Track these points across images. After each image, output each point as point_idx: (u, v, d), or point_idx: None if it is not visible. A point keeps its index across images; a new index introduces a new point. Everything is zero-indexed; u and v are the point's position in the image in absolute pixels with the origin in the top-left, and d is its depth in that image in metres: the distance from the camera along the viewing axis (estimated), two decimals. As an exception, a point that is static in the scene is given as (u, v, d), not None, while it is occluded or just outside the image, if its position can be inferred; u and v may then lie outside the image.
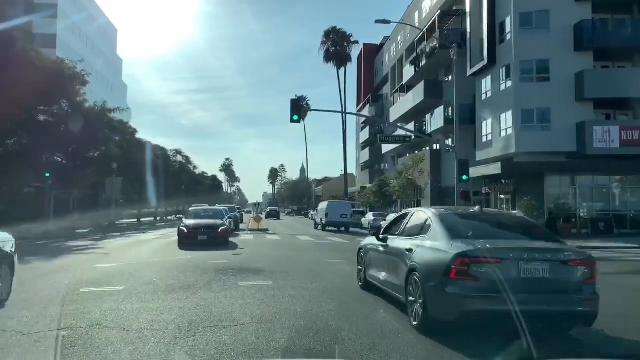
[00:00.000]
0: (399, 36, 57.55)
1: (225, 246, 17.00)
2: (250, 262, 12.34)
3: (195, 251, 15.16)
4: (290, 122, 26.60)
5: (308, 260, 13.02)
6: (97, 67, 76.98)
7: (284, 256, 13.96)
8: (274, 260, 12.76)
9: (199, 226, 17.66)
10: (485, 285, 5.40)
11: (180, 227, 17.90)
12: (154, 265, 11.75)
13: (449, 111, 40.14)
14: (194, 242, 17.03)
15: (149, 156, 50.40)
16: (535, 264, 5.56)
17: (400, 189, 37.60)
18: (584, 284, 5.69)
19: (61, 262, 12.68)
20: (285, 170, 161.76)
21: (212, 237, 17.32)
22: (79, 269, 11.21)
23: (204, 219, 18.99)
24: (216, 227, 17.83)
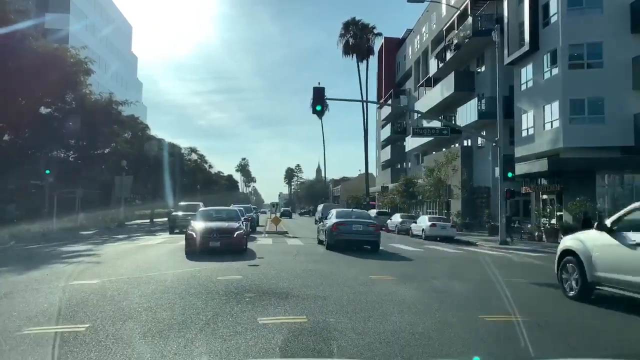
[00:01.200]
0: (424, 27, 54.54)
1: (241, 254, 14.21)
2: (271, 279, 9.57)
3: (203, 261, 12.45)
4: (312, 113, 24.31)
5: (345, 277, 10.19)
6: (111, 63, 75.38)
7: (313, 270, 11.14)
8: (302, 277, 9.97)
9: (210, 230, 14.68)
10: (343, 232, 17.22)
11: (188, 230, 14.95)
12: (148, 283, 9.06)
13: (483, 104, 37.08)
14: (204, 249, 14.20)
15: (162, 154, 48.11)
16: (358, 225, 17.54)
17: (431, 188, 34.54)
18: (374, 233, 17.64)
19: (33, 276, 10.07)
20: (301, 170, 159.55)
21: (226, 244, 14.46)
22: (50, 288, 8.57)
23: (216, 221, 16.11)
24: (231, 231, 14.94)
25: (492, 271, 11.41)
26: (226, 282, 9.22)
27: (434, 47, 49.01)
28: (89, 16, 67.86)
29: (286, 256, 14.40)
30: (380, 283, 9.46)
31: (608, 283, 7.62)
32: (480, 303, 7.65)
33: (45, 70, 25.50)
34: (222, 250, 14.17)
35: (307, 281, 9.43)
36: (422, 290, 8.62)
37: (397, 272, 11.20)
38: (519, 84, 32.49)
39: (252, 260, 13.02)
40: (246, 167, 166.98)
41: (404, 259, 15.16)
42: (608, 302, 7.85)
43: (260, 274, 10.36)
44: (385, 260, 14.50)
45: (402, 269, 11.98)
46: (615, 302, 7.77)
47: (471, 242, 26.00)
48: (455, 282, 10.00)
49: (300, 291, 8.22)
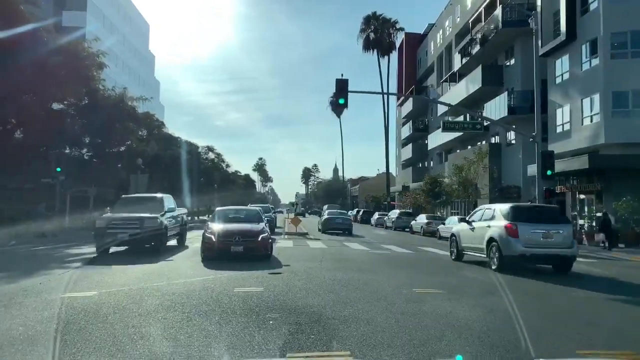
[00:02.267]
0: (447, 21, 52.62)
1: (264, 260, 12.64)
2: (298, 293, 8.07)
3: (219, 268, 11.00)
4: (335, 107, 22.73)
5: (384, 290, 8.64)
6: (128, 61, 74.87)
7: (345, 280, 9.61)
8: (334, 289, 8.45)
9: (231, 233, 12.87)
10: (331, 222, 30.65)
11: (206, 233, 13.09)
12: (152, 296, 7.65)
13: (512, 99, 35.16)
14: (224, 254, 12.47)
15: (179, 152, 47.04)
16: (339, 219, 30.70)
17: (460, 187, 32.72)
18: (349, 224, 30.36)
19: (25, 285, 8.76)
20: (318, 170, 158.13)
21: (249, 248, 12.75)
22: (36, 302, 7.22)
23: (235, 222, 14.33)
24: (254, 233, 13.15)
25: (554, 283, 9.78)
26: (244, 296, 7.76)
27: (458, 42, 47.15)
28: (106, 14, 67.33)
29: (311, 262, 12.88)
30: (428, 299, 7.89)
31: (468, 251, 14.54)
32: (577, 332, 6.03)
33: (57, 64, 24.46)
34: (244, 256, 12.53)
35: (341, 295, 7.91)
36: (483, 310, 7.04)
37: (442, 283, 9.64)
38: (552, 77, 30.54)
39: (274, 268, 11.53)
40: (263, 167, 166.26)
41: (443, 266, 13.55)
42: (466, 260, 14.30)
43: (284, 285, 8.87)
44: (424, 267, 12.93)
45: (445, 279, 10.40)
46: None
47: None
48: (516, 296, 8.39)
49: (335, 310, 6.70)
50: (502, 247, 12.13)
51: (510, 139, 36.88)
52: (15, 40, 23.17)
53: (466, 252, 14.55)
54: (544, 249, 12.22)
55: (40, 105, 26.46)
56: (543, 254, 12.30)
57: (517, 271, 11.83)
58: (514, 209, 12.93)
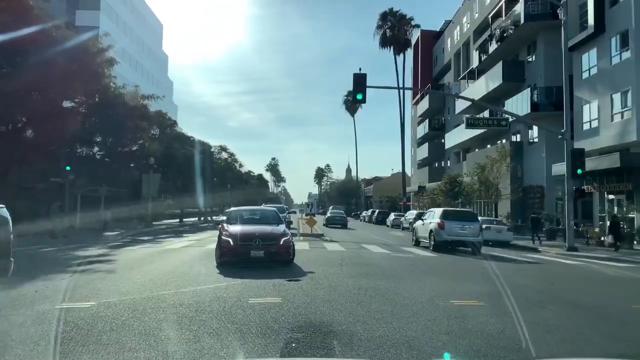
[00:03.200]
0: (464, 17, 51.35)
1: (282, 265, 11.59)
2: (321, 305, 7.11)
3: (233, 276, 10.09)
4: (353, 103, 22.06)
5: (417, 300, 7.64)
6: (141, 61, 74.64)
7: (372, 289, 8.63)
8: (360, 300, 7.49)
9: (251, 236, 11.60)
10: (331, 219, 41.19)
11: (223, 236, 11.82)
12: (157, 309, 6.76)
13: (535, 95, 33.88)
14: (243, 259, 11.31)
15: (191, 151, 46.38)
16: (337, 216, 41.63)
17: (482, 187, 31.51)
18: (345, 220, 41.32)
19: (19, 293, 7.98)
20: (331, 170, 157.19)
21: (270, 253, 11.46)
22: (25, 315, 6.37)
23: (253, 224, 13.00)
24: (276, 237, 11.87)
25: (604, 291, 8.73)
26: (261, 308, 6.83)
27: (477, 38, 45.92)
28: (120, 13, 67.10)
29: (331, 267, 11.92)
30: (470, 313, 6.89)
31: (420, 239, 20.36)
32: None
33: (66, 60, 23.81)
34: (265, 261, 11.38)
35: (372, 309, 6.94)
36: (540, 330, 6.02)
37: (479, 291, 8.62)
38: (579, 72, 29.22)
39: (291, 272, 10.60)
40: (276, 167, 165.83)
41: (474, 271, 12.51)
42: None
43: (304, 295, 7.92)
44: (453, 273, 11.90)
45: (481, 286, 9.38)
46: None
47: (531, 248, 23.05)
48: (569, 309, 7.36)
49: (367, 329, 5.73)
50: (436, 235, 18.70)
51: (533, 137, 35.60)
52: (24, 37, 22.59)
53: (420, 240, 21.06)
54: (460, 237, 18.70)
55: (50, 103, 25.88)
56: (459, 240, 18.79)
57: (447, 251, 18.18)
58: (443, 212, 20.08)
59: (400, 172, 72.49)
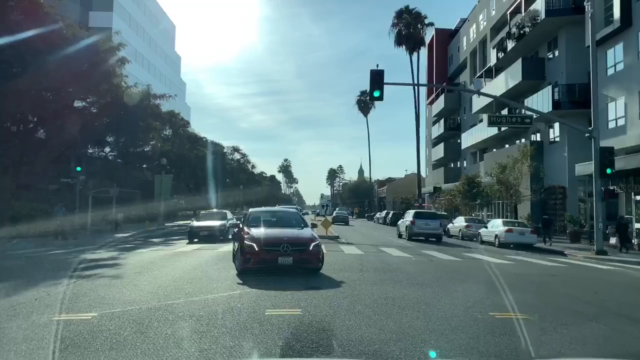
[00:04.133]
0: (481, 15, 50.26)
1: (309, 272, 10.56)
2: (346, 318, 6.37)
3: (247, 283, 9.38)
4: (370, 100, 21.04)
5: (456, 316, 6.83)
6: (154, 62, 74.58)
7: (399, 298, 7.86)
8: (390, 314, 6.72)
9: (278, 241, 10.47)
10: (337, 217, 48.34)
11: (246, 240, 10.57)
12: (164, 321, 6.07)
13: (557, 93, 32.78)
14: (270, 266, 10.20)
15: (204, 152, 46.00)
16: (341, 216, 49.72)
17: (501, 187, 30.52)
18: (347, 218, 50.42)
19: (16, 301, 7.42)
20: (343, 171, 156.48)
21: (300, 260, 10.34)
22: (17, 328, 5.75)
23: (276, 227, 11.74)
24: (305, 242, 10.70)
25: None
26: (279, 321, 6.11)
27: (494, 35, 44.89)
28: (132, 14, 67.07)
29: (351, 272, 11.16)
30: (517, 329, 6.09)
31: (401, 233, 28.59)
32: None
33: (77, 59, 23.40)
34: (294, 268, 10.30)
35: (403, 323, 6.18)
36: (606, 353, 5.22)
37: (519, 301, 7.80)
38: (603, 68, 28.06)
39: (309, 278, 9.87)
40: (288, 168, 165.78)
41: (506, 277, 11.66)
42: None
43: (326, 305, 7.18)
44: (483, 279, 11.07)
45: (519, 295, 8.56)
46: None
47: (556, 251, 22.05)
48: (625, 324, 6.54)
49: (404, 350, 4.97)
50: (409, 229, 26.60)
51: (554, 136, 34.50)
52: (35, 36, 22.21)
53: (401, 233, 28.47)
54: (426, 231, 26.12)
55: (61, 103, 25.52)
56: (426, 233, 26.16)
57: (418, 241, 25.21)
58: (415, 212, 28.56)
59: (414, 173, 71.42)
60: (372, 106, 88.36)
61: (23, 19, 22.98)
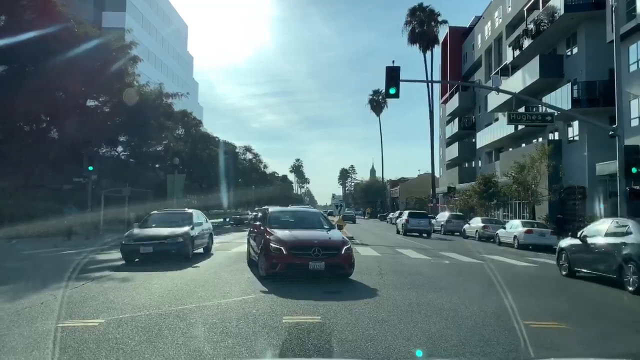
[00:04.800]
0: (496, 12, 49.44)
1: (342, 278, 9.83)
2: (369, 328, 5.91)
3: (264, 287, 8.96)
4: (385, 97, 20.50)
5: (487, 325, 6.34)
6: (167, 62, 74.69)
7: (424, 305, 7.38)
8: (416, 322, 6.27)
9: (309, 244, 9.61)
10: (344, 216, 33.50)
11: (272, 243, 9.74)
12: (174, 329, 5.69)
13: (576, 90, 31.95)
14: (299, 272, 9.46)
15: (217, 152, 45.77)
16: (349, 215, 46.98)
17: (519, 187, 29.83)
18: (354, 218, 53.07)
19: (20, 305, 7.08)
20: (355, 171, 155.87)
21: (332, 265, 9.56)
22: (19, 336, 5.40)
23: (302, 228, 10.81)
24: (337, 246, 9.89)
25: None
26: (298, 330, 5.68)
27: (510, 33, 44.10)
28: (145, 14, 67.22)
29: (370, 276, 10.69)
30: (556, 339, 5.59)
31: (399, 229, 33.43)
32: None
33: (89, 57, 23.24)
34: (325, 273, 9.55)
35: (432, 333, 5.71)
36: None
37: (552, 308, 7.30)
38: (626, 64, 27.24)
39: (326, 281, 9.42)
40: (300, 168, 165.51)
41: (532, 281, 11.13)
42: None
43: (347, 312, 6.73)
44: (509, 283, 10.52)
45: (551, 301, 8.05)
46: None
47: (578, 253, 21.32)
48: None
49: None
50: (404, 226, 30.80)
51: (573, 135, 33.69)
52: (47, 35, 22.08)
53: (399, 230, 32.05)
54: (418, 227, 30.23)
55: (73, 102, 25.40)
56: (417, 229, 30.15)
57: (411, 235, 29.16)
58: (409, 213, 33.22)
59: (427, 173, 70.74)
60: (384, 105, 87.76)
61: (36, 17, 22.89)
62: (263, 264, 9.87)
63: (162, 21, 73.86)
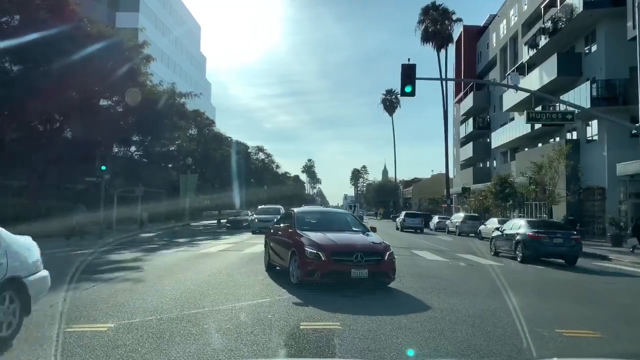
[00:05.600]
0: (511, 10, 48.74)
1: (382, 288, 8.97)
2: (393, 337, 5.56)
3: (279, 289, 8.67)
4: (402, 95, 19.99)
5: (515, 331, 5.96)
6: (180, 63, 74.92)
7: (447, 310, 7.01)
8: (442, 330, 5.90)
9: (350, 249, 8.79)
10: None
11: (307, 247, 8.78)
12: (184, 336, 5.41)
13: (595, 89, 31.24)
14: (340, 280, 8.62)
15: (229, 152, 45.70)
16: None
17: (537, 188, 29.22)
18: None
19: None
20: (367, 171, 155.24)
21: (375, 273, 8.71)
22: (23, 344, 5.10)
23: (335, 231, 9.84)
24: (379, 251, 9.03)
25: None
26: (316, 338, 5.37)
27: (526, 31, 43.43)
28: (158, 15, 67.47)
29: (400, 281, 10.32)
30: (594, 349, 5.22)
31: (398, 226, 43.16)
32: None
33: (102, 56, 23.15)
34: (368, 282, 8.70)
35: (458, 341, 5.37)
36: None
37: (583, 315, 6.90)
38: (647, 62, 26.55)
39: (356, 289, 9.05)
40: (312, 169, 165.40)
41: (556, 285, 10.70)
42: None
43: (368, 318, 6.40)
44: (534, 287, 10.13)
45: (579, 307, 7.65)
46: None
47: (599, 255, 20.73)
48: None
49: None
50: (402, 224, 38.91)
51: (592, 135, 32.96)
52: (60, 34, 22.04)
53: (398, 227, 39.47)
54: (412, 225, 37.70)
55: (86, 102, 25.36)
56: (412, 226, 37.64)
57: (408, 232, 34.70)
58: (405, 213, 42.27)
59: (440, 173, 70.11)
60: (397, 105, 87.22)
61: (49, 17, 22.86)
62: (296, 271, 8.90)
63: (175, 22, 74.08)
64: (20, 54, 21.92)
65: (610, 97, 30.54)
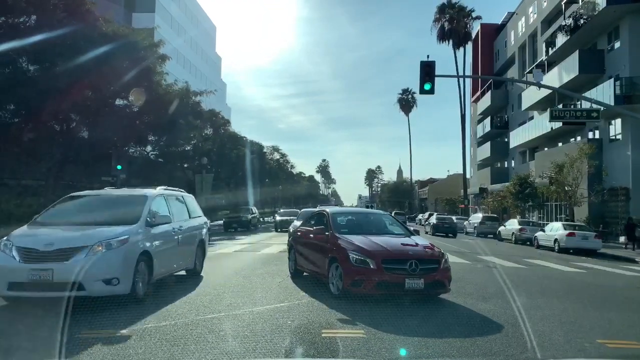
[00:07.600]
0: (530, 7, 47.92)
1: (434, 299, 8.18)
2: (424, 348, 5.19)
3: (296, 293, 8.35)
4: (420, 93, 19.62)
5: (553, 341, 5.53)
6: (195, 63, 75.15)
7: (479, 317, 6.63)
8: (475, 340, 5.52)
9: (403, 256, 7.79)
10: None
11: (352, 254, 7.74)
12: (199, 342, 5.21)
13: (618, 87, 30.44)
14: (392, 292, 7.52)
15: (244, 151, 45.57)
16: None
17: (558, 189, 28.55)
18: None
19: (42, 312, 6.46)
20: (381, 171, 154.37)
21: (431, 284, 7.70)
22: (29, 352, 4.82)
23: (377, 234, 8.79)
24: (435, 258, 8.06)
25: None
26: (340, 346, 5.00)
27: (545, 29, 42.66)
28: (174, 15, 67.73)
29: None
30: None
31: None
32: None
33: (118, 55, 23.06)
34: (423, 294, 7.79)
35: (493, 350, 4.99)
36: None
37: (624, 324, 6.45)
38: (674, 59, 25.77)
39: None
40: (326, 169, 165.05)
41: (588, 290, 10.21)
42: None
43: (392, 325, 6.04)
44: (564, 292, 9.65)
45: (618, 314, 7.21)
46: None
47: (625, 258, 20.07)
48: None
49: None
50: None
51: (615, 134, 32.12)
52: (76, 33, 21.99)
53: None
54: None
55: (101, 101, 25.33)
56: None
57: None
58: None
59: (457, 173, 69.26)
60: (414, 105, 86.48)
61: (66, 17, 22.85)
62: (337, 280, 7.91)
63: (190, 22, 74.32)
64: (37, 54, 21.92)
65: (635, 94, 29.74)
